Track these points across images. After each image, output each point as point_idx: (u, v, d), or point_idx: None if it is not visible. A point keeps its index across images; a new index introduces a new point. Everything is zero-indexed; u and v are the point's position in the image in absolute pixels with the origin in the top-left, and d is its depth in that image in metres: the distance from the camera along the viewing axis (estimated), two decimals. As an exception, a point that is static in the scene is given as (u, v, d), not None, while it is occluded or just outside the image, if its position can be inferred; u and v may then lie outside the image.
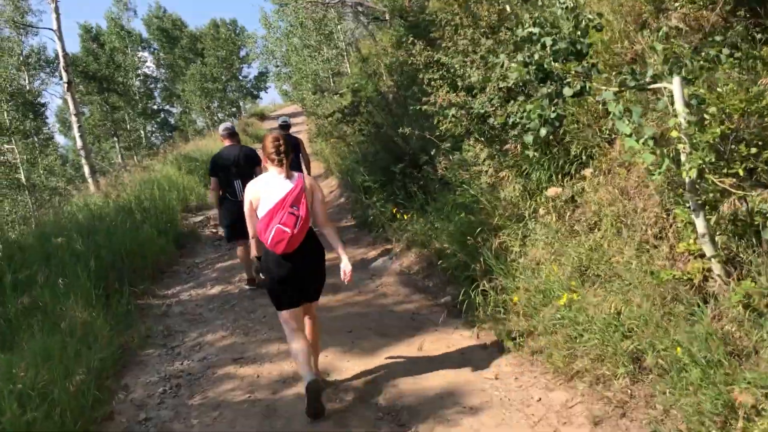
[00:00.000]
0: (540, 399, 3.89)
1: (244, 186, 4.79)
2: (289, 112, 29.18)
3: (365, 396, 4.23)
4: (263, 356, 5.18)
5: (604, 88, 3.97)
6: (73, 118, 15.84)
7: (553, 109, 4.30)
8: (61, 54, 15.66)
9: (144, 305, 7.08)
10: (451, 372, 4.42)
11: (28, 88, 27.02)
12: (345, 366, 4.76)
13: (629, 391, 3.71)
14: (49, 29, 16.58)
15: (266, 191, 3.90)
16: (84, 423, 3.99)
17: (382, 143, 8.79)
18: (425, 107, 6.27)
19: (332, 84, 20.44)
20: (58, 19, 15.17)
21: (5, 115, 22.39)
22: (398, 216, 8.18)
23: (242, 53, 43.60)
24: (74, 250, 6.81)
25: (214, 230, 11.79)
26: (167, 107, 43.68)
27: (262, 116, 34.21)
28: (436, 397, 4.09)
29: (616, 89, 3.87)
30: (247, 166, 6.82)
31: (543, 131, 4.26)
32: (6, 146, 21.01)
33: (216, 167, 7.03)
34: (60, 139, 39.56)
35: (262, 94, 60.68)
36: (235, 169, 6.84)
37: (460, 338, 5.04)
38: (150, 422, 4.26)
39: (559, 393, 3.91)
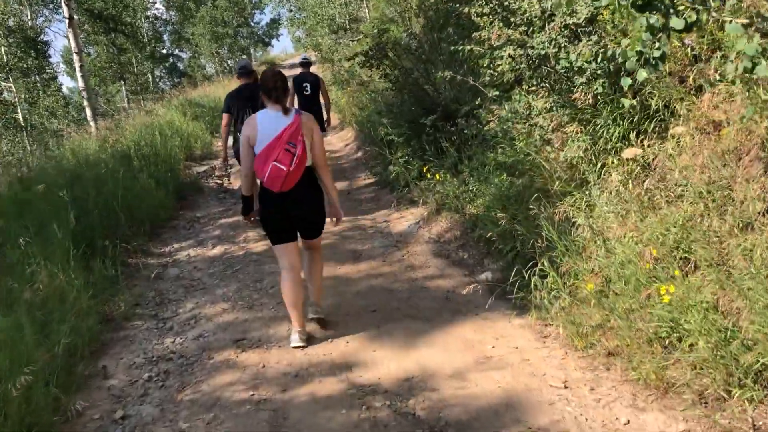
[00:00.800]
0: (629, 422, 2.99)
1: None
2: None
3: (398, 402, 3.35)
4: (270, 338, 4.30)
5: (729, 19, 2.98)
6: (75, 57, 14.78)
7: (656, 45, 3.32)
8: None
9: (135, 265, 6.22)
10: (506, 374, 3.51)
11: (30, 24, 25.82)
12: (371, 358, 3.87)
13: (750, 420, 2.83)
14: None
15: (263, 128, 3.83)
16: (42, 427, 3.12)
17: (409, 92, 7.76)
18: (472, 47, 5.24)
19: (346, 32, 19.26)
20: (59, -54, 14.01)
21: (2, 50, 21.25)
22: (427, 174, 7.24)
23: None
24: (55, 201, 5.89)
25: (218, 181, 10.87)
26: (176, 52, 42.38)
27: (273, 64, 32.95)
28: (490, 410, 3.19)
29: (745, 21, 2.89)
30: (262, 104, 6.23)
31: (643, 73, 3.27)
32: (3, 84, 19.95)
33: (230, 104, 6.89)
34: (66, 80, 38.54)
35: (273, 42, 59.08)
36: (250, 107, 6.48)
37: (510, 328, 4.12)
38: (128, 422, 3.41)
39: (652, 414, 3.00)
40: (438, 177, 6.84)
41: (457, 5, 7.12)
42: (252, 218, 4.36)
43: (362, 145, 11.05)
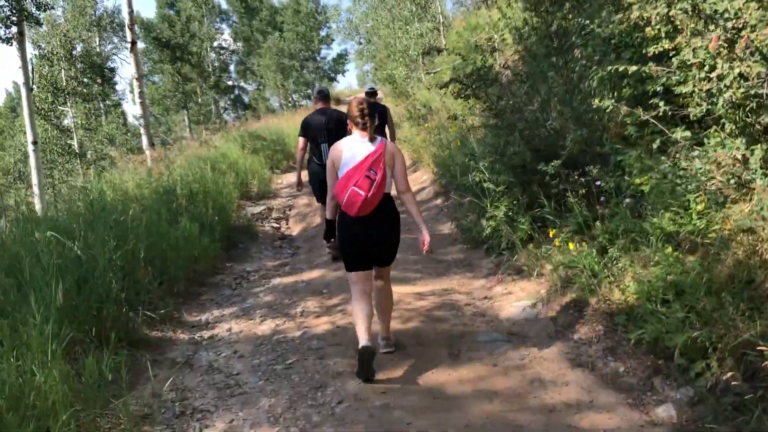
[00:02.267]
0: None
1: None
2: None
3: None
4: None
5: None
6: (135, 82, 13.90)
7: None
8: (126, 11, 13.67)
9: (160, 342, 4.73)
10: None
11: (98, 50, 25.53)
12: None
13: None
14: (116, -19, 14.69)
15: (348, 153, 3.93)
16: None
17: (521, 130, 6.11)
18: (649, 67, 3.58)
19: (422, 65, 17.86)
20: (125, -30, 13.16)
21: (62, 75, 20.72)
22: (536, 236, 5.58)
23: (323, 33, 41.58)
24: (60, 254, 4.45)
25: (275, 224, 9.47)
26: (242, 83, 42.13)
27: (337, 101, 31.91)
28: None
29: None
30: (337, 130, 6.32)
31: None
32: (61, 108, 19.33)
33: (306, 129, 6.84)
34: (133, 108, 38.57)
35: (339, 77, 58.72)
36: (324, 132, 6.57)
37: None
38: None
39: None
40: (557, 242, 5.16)
41: (587, 22, 5.51)
42: (333, 245, 4.49)
43: (442, 191, 9.43)
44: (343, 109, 5.81)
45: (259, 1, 36.65)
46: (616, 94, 4.74)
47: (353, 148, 3.92)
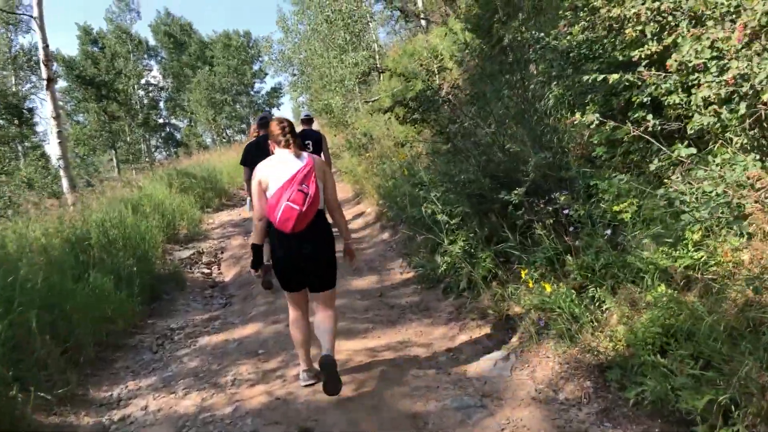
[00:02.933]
0: None
1: None
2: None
3: None
4: None
5: None
6: (52, 122, 12.76)
7: None
8: (41, 45, 12.61)
9: (58, 431, 3.82)
10: None
11: (14, 90, 24.03)
12: None
13: None
14: (29, 16, 13.80)
15: (276, 170, 3.83)
16: None
17: (474, 156, 5.49)
18: (636, 76, 3.00)
19: (359, 95, 17.32)
20: (39, 4, 12.08)
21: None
22: (500, 273, 4.94)
23: (255, 67, 40.75)
24: None
25: (206, 269, 8.60)
26: (173, 120, 40.75)
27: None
28: None
29: None
30: None
31: None
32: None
33: (248, 156, 6.71)
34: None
35: (274, 110, 58.07)
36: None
37: None
38: None
39: None
40: (529, 281, 4.52)
41: (541, 35, 4.98)
42: (260, 274, 4.40)
43: (389, 225, 8.75)
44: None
45: (187, 35, 35.63)
46: (578, 111, 4.15)
47: (281, 165, 3.83)
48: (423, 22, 19.36)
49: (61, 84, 29.87)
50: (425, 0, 19.16)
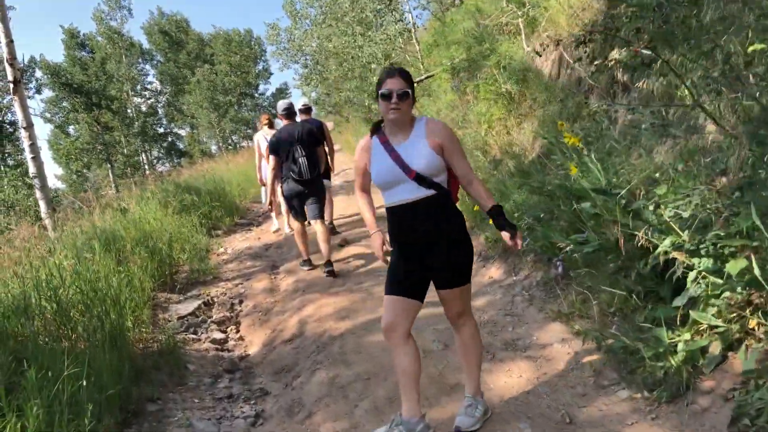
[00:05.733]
0: None
1: (309, 163, 6.25)
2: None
3: None
4: None
5: None
6: (23, 132, 9.87)
7: None
8: (4, 41, 9.68)
9: None
10: None
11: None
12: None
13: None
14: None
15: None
16: None
17: None
18: None
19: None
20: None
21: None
22: None
23: (259, 67, 37.91)
24: None
25: (219, 334, 5.75)
26: (174, 129, 37.90)
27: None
28: None
29: None
30: (311, 142, 6.39)
31: None
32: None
33: (277, 146, 6.42)
34: (55, 168, 33.96)
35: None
36: (298, 147, 6.31)
37: None
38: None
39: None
40: None
41: None
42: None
43: (502, 255, 5.76)
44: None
45: (184, 33, 32.59)
46: None
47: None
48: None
49: (47, 93, 27.07)
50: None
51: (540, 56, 6.50)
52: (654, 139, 3.98)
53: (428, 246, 2.83)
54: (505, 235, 2.79)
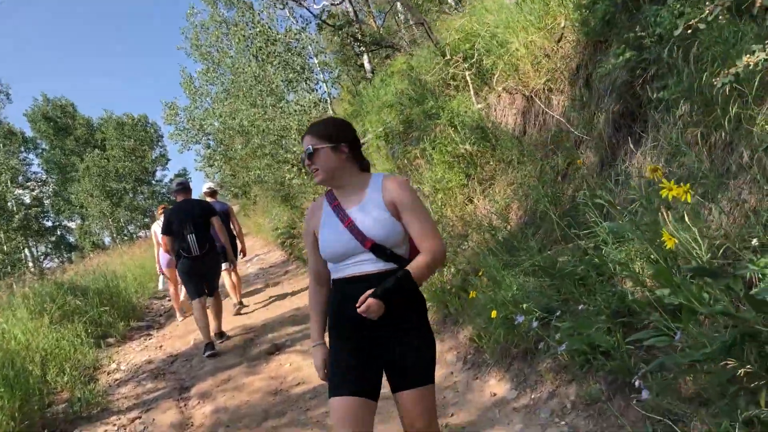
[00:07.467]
0: None
1: (198, 241, 6.13)
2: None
3: None
4: None
5: None
6: None
7: None
8: None
9: None
10: None
11: None
12: None
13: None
14: None
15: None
16: None
17: None
18: None
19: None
20: None
21: None
22: None
23: (156, 153, 35.96)
24: None
25: None
26: (64, 221, 34.87)
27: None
28: None
29: None
30: (204, 220, 6.36)
31: None
32: None
33: (170, 225, 6.30)
34: None
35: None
36: (190, 224, 6.22)
37: None
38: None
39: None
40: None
41: None
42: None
43: (499, 362, 4.40)
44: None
45: (70, 117, 30.13)
46: None
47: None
48: (367, 66, 15.67)
49: None
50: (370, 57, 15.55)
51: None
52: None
53: (380, 331, 2.22)
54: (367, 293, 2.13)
